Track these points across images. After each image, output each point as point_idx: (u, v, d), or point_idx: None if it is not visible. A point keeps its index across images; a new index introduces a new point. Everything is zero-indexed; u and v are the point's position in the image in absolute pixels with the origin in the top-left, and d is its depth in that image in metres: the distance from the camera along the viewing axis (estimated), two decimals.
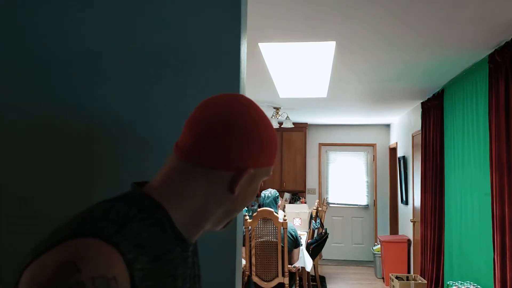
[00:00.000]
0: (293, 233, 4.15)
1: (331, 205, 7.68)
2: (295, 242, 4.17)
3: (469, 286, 3.16)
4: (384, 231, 7.44)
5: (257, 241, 3.93)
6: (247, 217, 3.95)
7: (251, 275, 3.92)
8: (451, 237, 3.97)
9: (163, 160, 1.19)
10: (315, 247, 5.03)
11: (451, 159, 4.00)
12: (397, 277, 4.85)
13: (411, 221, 5.60)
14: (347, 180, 7.71)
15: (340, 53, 3.20)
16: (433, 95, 4.55)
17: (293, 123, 7.18)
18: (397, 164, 6.96)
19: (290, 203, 7.31)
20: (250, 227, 3.93)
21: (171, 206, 0.71)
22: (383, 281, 6.13)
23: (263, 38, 2.89)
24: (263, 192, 4.30)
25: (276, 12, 2.43)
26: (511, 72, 2.64)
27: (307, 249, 4.85)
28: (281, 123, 7.01)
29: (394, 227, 7.18)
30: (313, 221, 5.45)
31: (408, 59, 3.36)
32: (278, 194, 4.28)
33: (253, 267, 3.93)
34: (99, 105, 1.21)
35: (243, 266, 3.81)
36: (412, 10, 2.36)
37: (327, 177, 7.77)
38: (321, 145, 7.81)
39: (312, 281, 5.87)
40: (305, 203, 7.29)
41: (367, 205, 7.63)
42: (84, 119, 1.21)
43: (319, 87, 4.41)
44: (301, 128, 7.36)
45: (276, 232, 3.91)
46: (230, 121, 0.71)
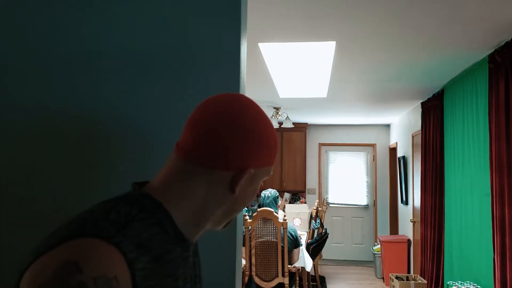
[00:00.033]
0: (293, 233, 4.15)
1: (331, 205, 7.68)
2: (295, 242, 4.17)
3: (469, 286, 3.16)
4: (384, 231, 7.44)
5: (257, 241, 3.93)
6: (247, 217, 3.95)
7: (251, 275, 3.92)
8: (451, 237, 3.97)
9: (163, 160, 1.19)
10: (315, 247, 5.03)
11: (451, 159, 4.00)
12: (397, 277, 4.85)
13: (411, 221, 5.60)
14: (347, 180, 7.71)
15: (340, 53, 3.20)
16: (433, 95, 4.55)
17: (293, 123, 7.18)
18: (397, 164, 6.96)
19: (290, 203, 7.31)
20: (250, 227, 3.93)
21: (171, 206, 0.71)
22: (383, 281, 6.13)
23: (263, 38, 2.89)
24: (263, 192, 4.30)
25: (276, 12, 2.43)
26: (511, 72, 2.64)
27: (307, 249, 4.85)
28: (281, 123, 7.01)
29: (394, 227, 7.18)
30: (313, 221, 5.45)
31: (408, 59, 3.36)
32: (278, 194, 4.29)
33: (253, 267, 3.93)
34: (99, 105, 1.21)
35: (243, 266, 3.81)
36: (412, 10, 2.36)
37: (327, 177, 7.77)
38: (321, 145, 7.81)
39: (312, 281, 5.87)
40: (305, 203, 7.29)
41: (367, 205, 7.63)
42: (84, 119, 1.21)
43: (319, 87, 4.41)
44: (301, 128, 7.36)
45: (276, 232, 3.91)
46: (230, 121, 0.71)
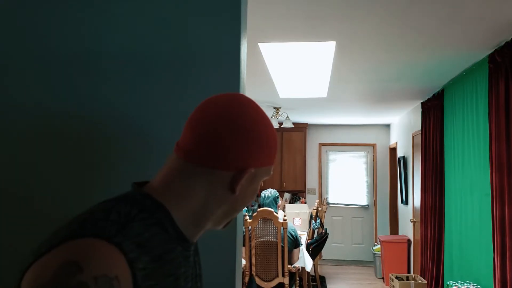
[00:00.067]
0: (293, 233, 4.15)
1: (331, 205, 7.68)
2: (295, 242, 4.17)
3: (469, 286, 3.16)
4: (384, 231, 7.44)
5: (257, 241, 3.93)
6: (247, 217, 3.95)
7: (251, 274, 3.92)
8: (451, 237, 3.97)
9: (163, 160, 1.19)
10: (315, 247, 5.03)
11: (451, 159, 4.00)
12: (397, 277, 4.85)
13: (411, 221, 5.60)
14: (347, 180, 7.71)
15: (340, 53, 3.20)
16: (433, 95, 4.55)
17: (293, 123, 7.18)
18: (397, 164, 6.96)
19: (290, 203, 7.31)
20: (250, 227, 3.93)
21: (172, 206, 0.71)
22: (383, 281, 6.13)
23: (263, 38, 2.89)
24: (263, 192, 4.30)
25: (276, 12, 2.43)
26: (511, 72, 2.64)
27: (307, 249, 4.85)
28: (281, 123, 7.01)
29: (394, 227, 7.18)
30: (313, 221, 5.45)
31: (408, 59, 3.36)
32: (278, 194, 4.29)
33: (253, 267, 3.93)
34: (99, 105, 1.21)
35: (243, 266, 3.81)
36: (412, 10, 2.36)
37: (327, 177, 7.77)
38: (321, 145, 7.81)
39: (312, 281, 5.87)
40: (305, 203, 7.29)
41: (367, 205, 7.63)
42: (84, 119, 1.21)
43: (319, 87, 4.41)
44: (301, 128, 7.36)
45: (276, 232, 3.91)
46: (230, 121, 0.71)
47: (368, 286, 5.98)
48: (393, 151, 7.42)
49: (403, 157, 6.23)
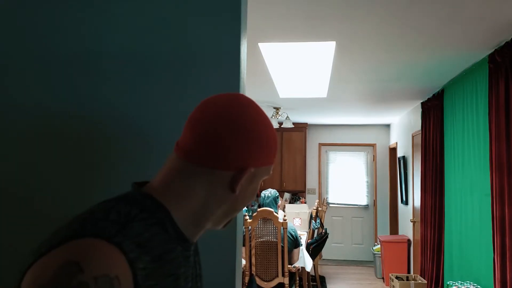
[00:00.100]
0: (293, 233, 4.15)
1: (331, 205, 7.68)
2: (295, 242, 4.17)
3: (469, 286, 3.16)
4: (384, 231, 7.44)
5: (257, 241, 3.93)
6: (247, 217, 3.95)
7: (252, 274, 3.92)
8: (451, 237, 3.97)
9: (163, 160, 1.19)
10: (315, 247, 5.03)
11: (451, 159, 4.00)
12: (397, 277, 4.85)
13: (411, 221, 5.60)
14: (347, 180, 7.71)
15: (340, 53, 3.20)
16: (433, 95, 4.55)
17: (293, 123, 7.18)
18: (397, 164, 6.96)
19: (290, 203, 7.31)
20: (250, 227, 3.93)
21: (172, 206, 0.71)
22: (383, 281, 6.13)
23: (263, 38, 2.89)
24: (263, 192, 4.30)
25: (276, 12, 2.43)
26: (511, 72, 2.64)
27: (307, 249, 4.85)
28: (281, 123, 7.01)
29: (394, 227, 7.18)
30: (313, 221, 5.45)
31: (408, 59, 3.36)
32: (278, 194, 4.29)
33: (253, 267, 3.93)
34: (99, 105, 1.21)
35: (243, 266, 3.81)
36: (412, 10, 2.36)
37: (327, 177, 7.77)
38: (321, 145, 7.81)
39: (312, 281, 5.87)
40: (305, 203, 7.29)
41: (367, 205, 7.63)
42: (84, 119, 1.21)
43: (319, 87, 4.41)
44: (301, 128, 7.36)
45: (276, 232, 3.91)
46: (230, 121, 0.71)
47: (368, 286, 5.98)
48: (393, 151, 7.42)
49: (403, 157, 6.23)
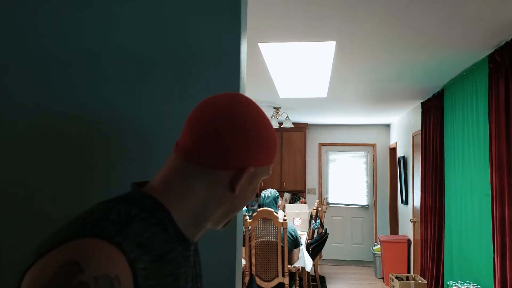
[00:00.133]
0: (293, 233, 4.15)
1: (331, 205, 7.68)
2: (295, 242, 4.17)
3: (469, 286, 3.16)
4: (384, 231, 7.44)
5: (257, 241, 3.93)
6: (247, 217, 3.95)
7: (252, 274, 3.92)
8: (451, 237, 3.97)
9: (163, 160, 1.19)
10: (315, 247, 5.03)
11: (451, 159, 4.00)
12: (397, 277, 4.85)
13: (411, 221, 5.60)
14: (347, 180, 7.71)
15: (340, 53, 3.20)
16: (433, 95, 4.55)
17: (293, 123, 7.18)
18: (397, 164, 6.96)
19: (290, 203, 7.31)
20: (250, 227, 3.93)
21: (172, 206, 0.71)
22: (383, 281, 6.13)
23: (263, 38, 2.89)
24: (263, 192, 4.30)
25: (276, 12, 2.43)
26: (511, 72, 2.64)
27: (307, 249, 4.85)
28: (281, 123, 7.01)
29: (394, 227, 7.18)
30: (313, 221, 5.45)
31: (408, 59, 3.36)
32: (278, 194, 4.29)
33: (253, 267, 3.93)
34: (99, 105, 1.21)
35: (243, 266, 3.81)
36: (412, 10, 2.36)
37: (327, 177, 7.77)
38: (321, 145, 7.81)
39: (312, 281, 5.87)
40: (305, 203, 7.29)
41: (367, 205, 7.63)
42: (84, 119, 1.21)
43: (319, 87, 4.41)
44: (301, 128, 7.36)
45: (276, 232, 3.91)
46: (230, 120, 0.71)
47: (368, 286, 5.98)
48: (393, 151, 7.42)
49: (403, 157, 6.23)
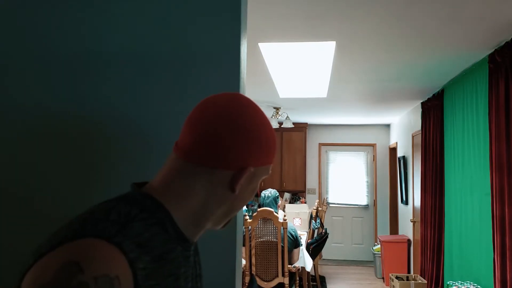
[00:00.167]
0: (293, 233, 4.15)
1: (331, 205, 7.68)
2: (295, 242, 4.17)
3: (469, 286, 3.16)
4: (384, 231, 7.44)
5: (257, 241, 3.93)
6: (247, 217, 3.95)
7: (252, 274, 3.92)
8: (451, 237, 3.97)
9: (163, 160, 1.19)
10: (315, 247, 5.03)
11: (451, 159, 4.00)
12: (397, 277, 4.85)
13: (411, 221, 5.60)
14: (347, 180, 7.71)
15: (340, 53, 3.20)
16: (433, 95, 4.55)
17: (293, 123, 7.18)
18: (397, 164, 6.96)
19: (290, 203, 7.31)
20: (250, 227, 3.93)
21: (172, 206, 0.71)
22: (383, 281, 6.13)
23: (263, 38, 2.89)
24: (263, 192, 4.30)
25: (276, 12, 2.43)
26: (511, 72, 2.64)
27: (307, 249, 4.85)
28: (281, 123, 7.01)
29: (394, 227, 7.18)
30: (313, 221, 5.45)
31: (408, 59, 3.36)
32: (278, 194, 4.28)
33: (253, 267, 3.93)
34: (99, 105, 1.21)
35: (243, 266, 3.81)
36: (412, 10, 2.36)
37: (327, 177, 7.77)
38: (321, 145, 7.81)
39: (312, 281, 5.87)
40: (305, 203, 7.29)
41: (367, 205, 7.63)
42: (84, 119, 1.21)
43: (319, 87, 4.41)
44: (301, 128, 7.36)
45: (276, 232, 3.91)
46: (230, 120, 0.71)
47: (368, 286, 5.98)
48: (393, 151, 7.42)
49: (403, 157, 6.22)
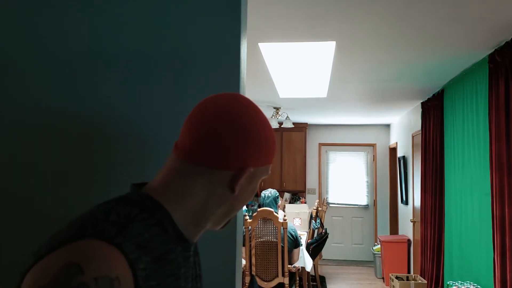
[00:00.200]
0: (293, 233, 4.15)
1: (331, 205, 7.68)
2: (295, 242, 4.17)
3: (469, 286, 3.16)
4: (384, 231, 7.44)
5: (257, 241, 3.93)
6: (247, 217, 3.95)
7: (252, 275, 3.92)
8: (451, 237, 3.97)
9: (163, 160, 1.19)
10: (315, 247, 5.03)
11: (451, 159, 4.00)
12: (397, 277, 4.85)
13: (411, 221, 5.60)
14: (347, 180, 7.71)
15: (340, 53, 3.20)
16: (433, 95, 4.55)
17: (293, 123, 7.18)
18: (397, 164, 6.96)
19: (290, 203, 7.31)
20: (250, 227, 3.93)
21: (171, 206, 0.71)
22: (383, 281, 6.13)
23: (263, 38, 2.89)
24: (263, 192, 4.30)
25: (276, 12, 2.43)
26: (511, 72, 2.64)
27: (307, 249, 4.85)
28: (281, 123, 7.01)
29: (394, 227, 7.18)
30: (313, 221, 5.45)
31: (408, 59, 3.36)
32: (278, 194, 4.28)
33: (253, 267, 3.93)
34: (99, 105, 1.21)
35: (243, 266, 3.81)
36: (412, 10, 2.36)
37: (327, 177, 7.77)
38: (321, 145, 7.81)
39: (312, 281, 5.87)
40: (305, 203, 7.29)
41: (367, 205, 7.63)
42: (84, 119, 1.21)
43: (319, 87, 4.41)
44: (301, 128, 7.35)
45: (276, 232, 3.91)
46: (230, 121, 0.71)
47: (368, 286, 5.98)
48: (393, 151, 7.41)
49: (403, 157, 6.23)
